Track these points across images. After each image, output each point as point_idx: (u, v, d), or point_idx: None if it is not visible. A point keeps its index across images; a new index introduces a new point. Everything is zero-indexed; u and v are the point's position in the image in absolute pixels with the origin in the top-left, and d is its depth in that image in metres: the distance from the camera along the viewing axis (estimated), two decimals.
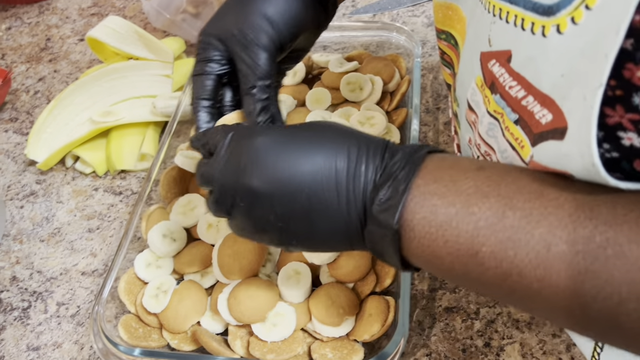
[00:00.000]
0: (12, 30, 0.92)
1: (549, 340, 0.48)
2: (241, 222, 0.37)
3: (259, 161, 0.34)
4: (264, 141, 0.35)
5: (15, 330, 0.55)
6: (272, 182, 0.34)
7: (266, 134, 0.36)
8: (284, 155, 0.34)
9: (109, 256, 0.60)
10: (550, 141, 0.28)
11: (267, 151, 0.35)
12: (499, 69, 0.33)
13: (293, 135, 0.36)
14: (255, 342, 0.46)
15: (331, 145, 0.34)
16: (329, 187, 0.33)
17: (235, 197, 0.35)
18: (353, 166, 0.33)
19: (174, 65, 0.72)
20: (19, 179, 0.69)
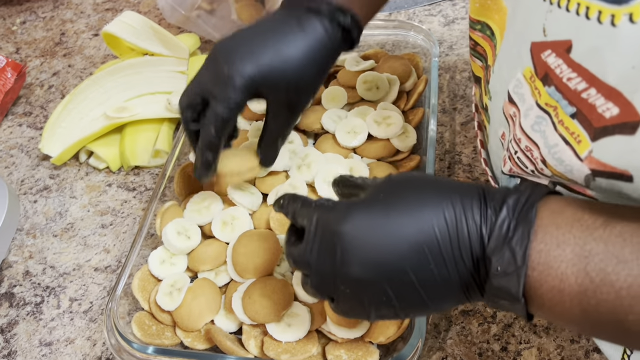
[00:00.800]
0: (26, 24, 0.92)
1: (567, 346, 0.47)
2: (347, 306, 0.35)
3: (354, 249, 0.33)
4: (352, 228, 0.33)
5: (28, 325, 0.55)
6: (374, 267, 0.32)
7: (352, 217, 0.33)
8: (379, 238, 0.32)
9: (122, 252, 0.60)
10: (616, 136, 0.27)
11: (360, 237, 0.33)
12: (555, 59, 0.32)
13: (380, 211, 0.33)
14: (270, 342, 0.46)
15: (425, 213, 0.32)
16: (434, 258, 0.31)
17: (337, 284, 0.34)
18: (455, 232, 0.31)
19: (189, 62, 0.72)
20: (32, 174, 0.69)
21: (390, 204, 0.33)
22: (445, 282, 0.32)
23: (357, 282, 0.33)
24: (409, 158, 0.58)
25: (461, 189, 0.33)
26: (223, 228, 0.54)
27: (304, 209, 0.37)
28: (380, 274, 0.32)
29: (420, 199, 0.33)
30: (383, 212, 0.33)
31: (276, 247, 0.51)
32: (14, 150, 0.72)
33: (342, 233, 0.33)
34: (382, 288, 0.32)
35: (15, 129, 0.75)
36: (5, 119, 0.76)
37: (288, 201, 0.40)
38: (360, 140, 0.58)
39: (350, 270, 0.33)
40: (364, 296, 0.33)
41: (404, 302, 0.33)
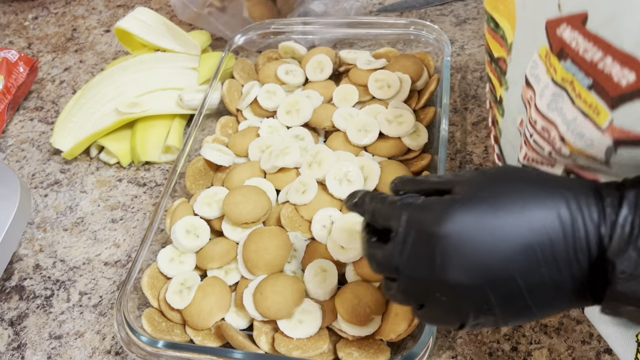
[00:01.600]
0: (38, 19, 0.92)
1: (578, 347, 0.47)
2: (440, 314, 0.33)
3: (457, 253, 0.30)
4: (454, 229, 0.30)
5: (37, 318, 0.55)
6: (478, 272, 0.29)
7: (454, 217, 0.30)
8: (485, 239, 0.29)
9: (132, 247, 0.60)
10: (636, 102, 0.27)
11: (463, 239, 0.30)
12: (571, 33, 0.31)
13: (487, 210, 0.30)
14: (281, 338, 0.46)
15: (537, 212, 0.29)
16: (545, 261, 0.29)
17: (431, 290, 0.31)
18: (570, 232, 0.29)
19: (200, 58, 0.72)
20: (43, 168, 0.69)
21: (497, 203, 0.30)
22: (555, 287, 0.29)
23: (457, 288, 0.30)
24: (420, 157, 0.58)
25: (572, 185, 0.30)
26: (234, 229, 0.54)
27: (388, 207, 0.34)
28: (484, 280, 0.29)
29: (531, 196, 0.30)
30: (490, 211, 0.30)
31: (287, 243, 0.51)
32: (25, 145, 0.73)
33: (442, 235, 0.30)
34: (485, 295, 0.30)
35: (26, 123, 0.75)
36: (17, 114, 0.77)
37: (364, 199, 0.37)
38: (372, 138, 0.58)
39: (450, 276, 0.30)
40: (462, 303, 0.31)
41: (507, 309, 0.30)
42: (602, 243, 0.28)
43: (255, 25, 0.72)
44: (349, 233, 0.50)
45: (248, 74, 0.70)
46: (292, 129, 0.62)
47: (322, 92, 0.64)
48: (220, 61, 0.68)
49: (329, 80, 0.67)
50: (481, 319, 0.31)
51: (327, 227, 0.52)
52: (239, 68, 0.70)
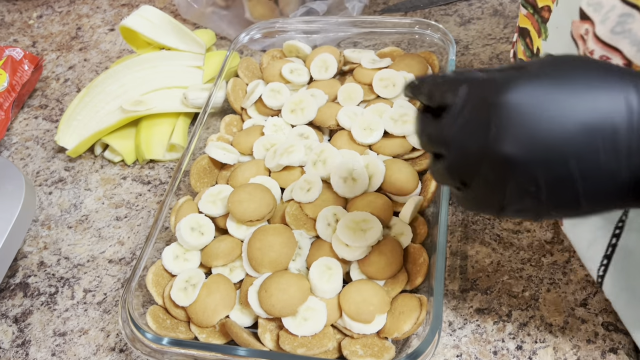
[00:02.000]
0: (43, 18, 0.92)
1: (583, 346, 0.47)
2: (481, 194, 0.31)
3: (514, 124, 0.28)
4: (516, 99, 0.28)
5: (42, 315, 0.55)
6: (533, 147, 0.28)
7: (517, 88, 0.28)
8: (546, 113, 0.28)
9: (136, 245, 0.60)
10: None
11: (522, 111, 0.28)
12: None
13: (552, 85, 0.28)
14: (286, 335, 0.46)
15: (604, 94, 0.27)
16: (605, 147, 0.27)
17: (479, 165, 0.30)
18: (637, 119, 0.27)
19: (205, 57, 0.72)
20: (47, 165, 0.69)
21: (563, 80, 0.28)
22: (610, 177, 0.28)
23: (507, 162, 0.28)
24: (425, 155, 0.58)
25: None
26: (238, 226, 0.54)
27: (448, 82, 0.32)
28: (538, 156, 0.28)
29: (599, 78, 0.28)
30: (554, 86, 0.28)
31: (291, 241, 0.51)
32: (29, 142, 0.73)
33: (502, 104, 0.28)
34: (534, 174, 0.28)
35: (31, 121, 0.76)
36: (21, 111, 0.77)
37: (423, 81, 0.34)
38: (376, 137, 0.58)
39: (503, 148, 0.28)
40: (509, 182, 0.29)
41: (554, 194, 0.28)
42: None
43: (259, 25, 0.72)
44: (354, 231, 0.50)
45: (252, 73, 0.70)
46: (296, 128, 0.62)
47: (327, 91, 0.64)
48: (224, 60, 0.68)
49: (333, 79, 0.67)
50: (524, 203, 0.29)
51: (331, 225, 0.52)
52: (244, 67, 0.70)
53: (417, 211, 0.53)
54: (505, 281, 0.52)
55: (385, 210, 0.52)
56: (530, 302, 0.50)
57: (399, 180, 0.54)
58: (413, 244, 0.51)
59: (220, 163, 0.60)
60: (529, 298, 0.50)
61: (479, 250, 0.54)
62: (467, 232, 0.56)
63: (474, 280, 0.52)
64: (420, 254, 0.50)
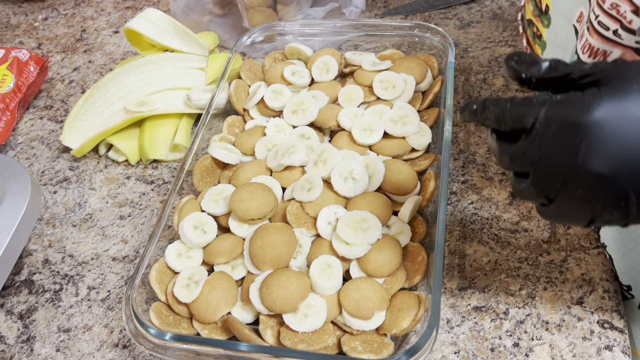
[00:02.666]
0: (48, 20, 0.93)
1: (579, 343, 0.48)
2: (571, 209, 0.32)
3: (603, 142, 0.29)
4: (603, 118, 0.29)
5: (46, 311, 0.56)
6: (625, 164, 0.28)
7: (602, 107, 0.29)
8: (634, 131, 0.28)
9: (139, 243, 0.61)
10: None
11: (612, 129, 0.29)
12: None
13: (633, 101, 0.29)
14: (286, 331, 0.47)
15: None
16: None
17: (567, 182, 0.30)
18: None
19: (208, 59, 0.73)
20: (52, 165, 0.70)
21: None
22: None
23: (597, 179, 0.29)
24: (424, 156, 0.59)
25: None
26: (240, 225, 0.54)
27: (519, 107, 0.32)
28: (628, 172, 0.28)
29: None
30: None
31: (292, 239, 0.52)
32: (34, 142, 0.74)
33: (589, 124, 0.29)
34: (625, 189, 0.29)
35: (36, 121, 0.77)
36: (27, 112, 0.78)
37: (485, 105, 0.35)
38: (376, 137, 0.59)
39: (594, 166, 0.29)
40: (599, 196, 0.30)
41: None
42: None
43: (261, 28, 0.73)
44: (354, 230, 0.50)
45: (255, 75, 0.71)
46: (298, 129, 0.63)
47: (328, 93, 0.65)
48: (227, 62, 0.69)
49: (334, 81, 0.68)
50: (614, 215, 0.30)
51: (332, 224, 0.53)
52: (246, 69, 0.71)
53: (416, 210, 0.54)
54: (502, 279, 0.52)
55: (385, 209, 0.53)
56: (527, 300, 0.51)
57: (399, 180, 0.55)
58: (412, 243, 0.52)
59: (222, 163, 0.61)
60: (525, 296, 0.51)
61: (477, 249, 0.55)
62: (465, 231, 0.57)
63: (471, 279, 0.53)
64: (419, 252, 0.50)
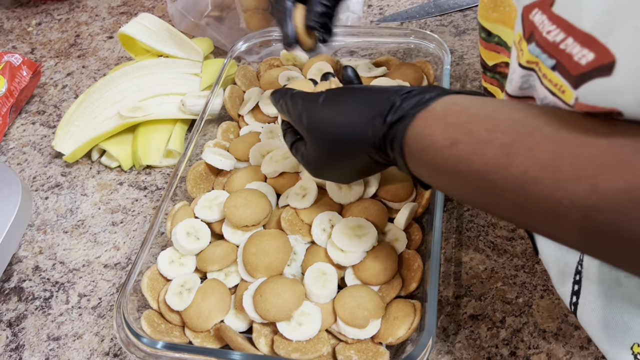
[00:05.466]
0: (42, 25, 0.93)
1: (576, 352, 0.47)
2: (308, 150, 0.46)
3: (312, 121, 0.44)
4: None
5: (36, 319, 0.55)
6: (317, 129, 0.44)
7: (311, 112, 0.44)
8: (326, 121, 0.43)
9: (131, 250, 0.60)
10: (595, 80, 0.29)
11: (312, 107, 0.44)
12: (540, 17, 0.34)
13: (327, 106, 0.44)
14: (280, 340, 0.46)
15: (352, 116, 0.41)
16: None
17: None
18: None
19: (203, 65, 0.73)
20: (44, 171, 0.70)
21: (333, 103, 0.43)
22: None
23: (308, 131, 0.45)
24: None
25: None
26: (234, 232, 0.54)
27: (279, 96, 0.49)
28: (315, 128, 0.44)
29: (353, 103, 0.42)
30: (330, 106, 0.43)
31: (287, 246, 0.51)
32: (26, 148, 0.73)
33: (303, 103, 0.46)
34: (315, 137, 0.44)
35: (28, 126, 0.76)
36: (19, 117, 0.77)
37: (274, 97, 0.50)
38: None
39: (307, 127, 0.45)
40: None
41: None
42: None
43: (257, 33, 0.72)
44: (349, 237, 0.50)
45: (250, 81, 0.71)
46: None
47: None
48: (222, 67, 0.69)
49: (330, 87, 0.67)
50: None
51: (327, 231, 0.52)
52: (241, 74, 0.70)
53: (412, 217, 0.53)
54: (499, 288, 0.52)
55: (380, 216, 0.53)
56: (523, 308, 0.50)
57: (394, 186, 0.54)
58: (408, 250, 0.51)
59: (216, 169, 0.60)
60: (522, 304, 0.51)
61: (473, 256, 0.54)
62: (462, 238, 0.56)
63: (468, 287, 0.52)
64: (414, 259, 0.50)
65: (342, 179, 0.48)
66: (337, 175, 0.47)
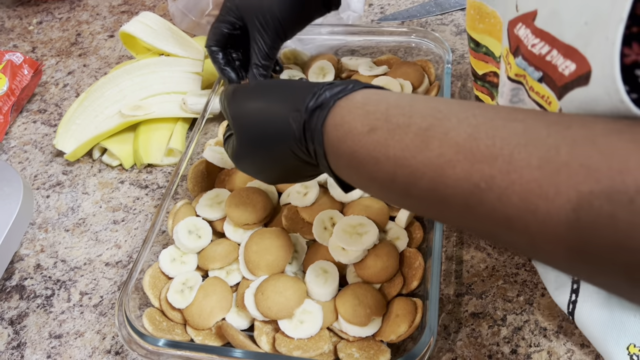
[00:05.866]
0: (43, 24, 0.93)
1: (577, 350, 0.47)
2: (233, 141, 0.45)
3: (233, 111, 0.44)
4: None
5: (37, 317, 0.55)
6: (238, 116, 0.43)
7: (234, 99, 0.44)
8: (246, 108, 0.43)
9: (133, 248, 0.60)
10: (575, 90, 0.29)
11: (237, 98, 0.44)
12: (524, 31, 0.34)
13: (250, 96, 0.43)
14: (282, 338, 0.46)
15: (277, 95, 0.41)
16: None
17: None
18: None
19: (204, 63, 0.73)
20: (45, 169, 0.70)
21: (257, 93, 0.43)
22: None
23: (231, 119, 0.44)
24: None
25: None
26: (235, 230, 0.54)
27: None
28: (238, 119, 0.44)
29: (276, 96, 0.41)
30: (252, 96, 0.43)
31: (288, 244, 0.51)
32: (27, 146, 0.73)
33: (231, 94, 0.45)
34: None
35: (29, 125, 0.76)
36: (20, 116, 0.77)
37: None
38: None
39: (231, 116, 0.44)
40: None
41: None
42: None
43: None
44: (350, 235, 0.50)
45: None
46: None
47: None
48: None
49: None
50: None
51: (328, 229, 0.52)
52: None
53: (413, 216, 0.53)
54: (500, 286, 0.52)
55: (382, 214, 0.53)
56: (524, 306, 0.50)
57: None
58: (409, 248, 0.51)
59: (218, 167, 0.60)
60: (523, 302, 0.51)
61: (474, 255, 0.55)
62: (463, 237, 0.56)
63: (469, 285, 0.52)
64: (416, 258, 0.50)
65: (268, 177, 0.45)
66: (262, 172, 0.45)
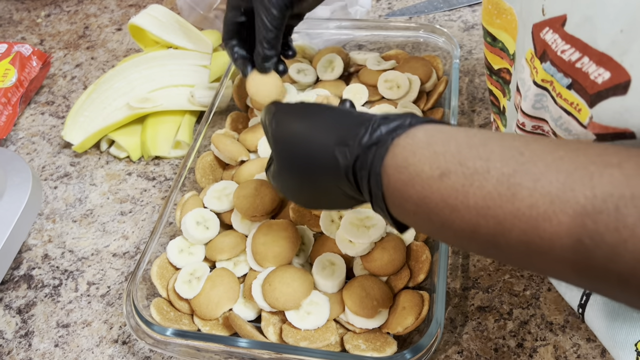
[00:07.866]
0: (51, 17, 0.93)
1: (583, 344, 0.47)
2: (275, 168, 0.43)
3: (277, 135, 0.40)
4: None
5: (45, 306, 0.56)
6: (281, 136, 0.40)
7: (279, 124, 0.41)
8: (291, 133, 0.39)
9: (140, 239, 0.60)
10: (611, 99, 0.29)
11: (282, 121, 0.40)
12: (552, 35, 0.33)
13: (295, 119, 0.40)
14: (289, 329, 0.46)
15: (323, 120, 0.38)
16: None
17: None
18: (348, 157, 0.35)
19: (212, 57, 0.73)
20: (53, 160, 0.70)
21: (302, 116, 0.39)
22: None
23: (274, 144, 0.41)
24: None
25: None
26: (242, 220, 0.54)
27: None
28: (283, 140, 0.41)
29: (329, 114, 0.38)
30: (298, 119, 0.40)
31: (295, 236, 0.51)
32: (35, 138, 0.73)
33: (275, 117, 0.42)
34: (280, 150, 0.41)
35: (37, 117, 0.76)
36: (28, 107, 0.78)
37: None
38: None
39: (274, 143, 0.41)
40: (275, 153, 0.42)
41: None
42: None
43: None
44: (358, 228, 0.50)
45: None
46: None
47: (333, 91, 0.65)
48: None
49: (339, 79, 0.68)
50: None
51: (335, 222, 0.52)
52: None
53: None
54: (506, 280, 0.52)
55: None
56: (531, 300, 0.50)
57: None
58: (416, 242, 0.51)
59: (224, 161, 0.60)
60: (529, 297, 0.51)
61: None
62: None
63: (475, 279, 0.53)
64: (423, 251, 0.50)
65: (306, 203, 0.42)
66: (300, 198, 0.41)
